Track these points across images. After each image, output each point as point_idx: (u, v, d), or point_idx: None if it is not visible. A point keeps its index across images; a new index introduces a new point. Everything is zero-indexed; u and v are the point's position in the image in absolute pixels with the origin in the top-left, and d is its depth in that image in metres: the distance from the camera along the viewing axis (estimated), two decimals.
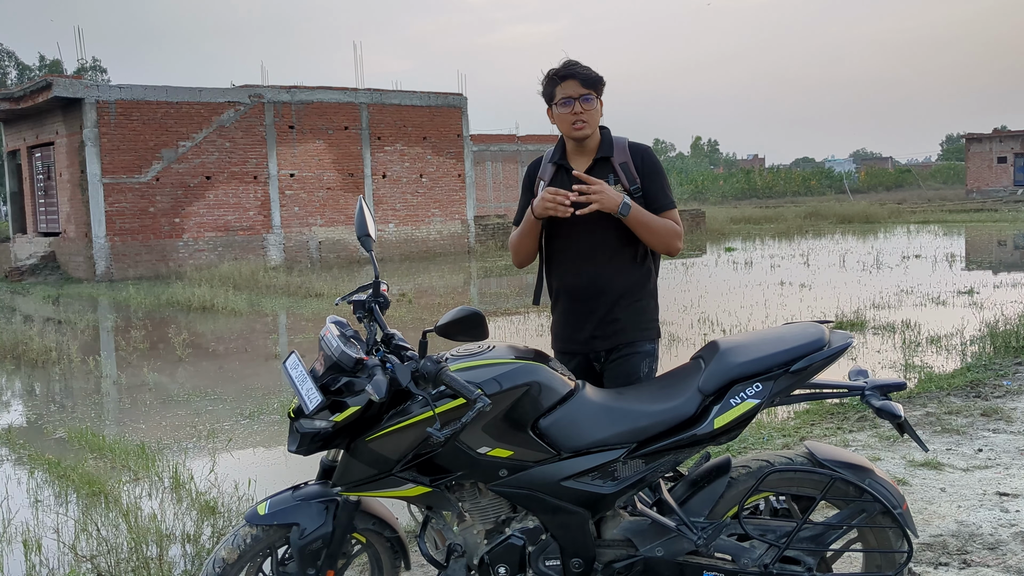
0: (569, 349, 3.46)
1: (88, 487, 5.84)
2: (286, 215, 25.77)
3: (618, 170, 3.35)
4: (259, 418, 7.95)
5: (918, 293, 14.41)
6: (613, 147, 3.38)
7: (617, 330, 3.36)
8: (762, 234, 32.16)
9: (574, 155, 3.43)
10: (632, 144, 3.41)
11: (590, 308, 3.38)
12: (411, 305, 15.07)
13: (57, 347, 11.58)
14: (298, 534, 2.83)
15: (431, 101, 28.52)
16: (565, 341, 3.48)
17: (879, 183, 79.33)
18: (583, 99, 3.28)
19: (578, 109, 3.28)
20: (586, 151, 3.40)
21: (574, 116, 3.29)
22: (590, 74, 3.30)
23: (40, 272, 24.45)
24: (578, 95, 3.28)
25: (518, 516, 2.93)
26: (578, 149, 3.41)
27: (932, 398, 6.83)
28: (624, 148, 3.39)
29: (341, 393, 2.74)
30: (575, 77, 3.28)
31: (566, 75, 3.30)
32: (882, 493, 2.85)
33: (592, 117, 3.31)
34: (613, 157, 3.36)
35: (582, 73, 3.29)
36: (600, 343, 3.39)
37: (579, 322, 3.41)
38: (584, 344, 3.41)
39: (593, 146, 3.39)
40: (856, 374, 2.98)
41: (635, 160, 3.36)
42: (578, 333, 3.42)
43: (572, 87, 3.28)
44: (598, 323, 3.37)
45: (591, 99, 3.29)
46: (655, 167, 3.39)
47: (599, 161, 3.37)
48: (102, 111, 22.77)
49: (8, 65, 64.18)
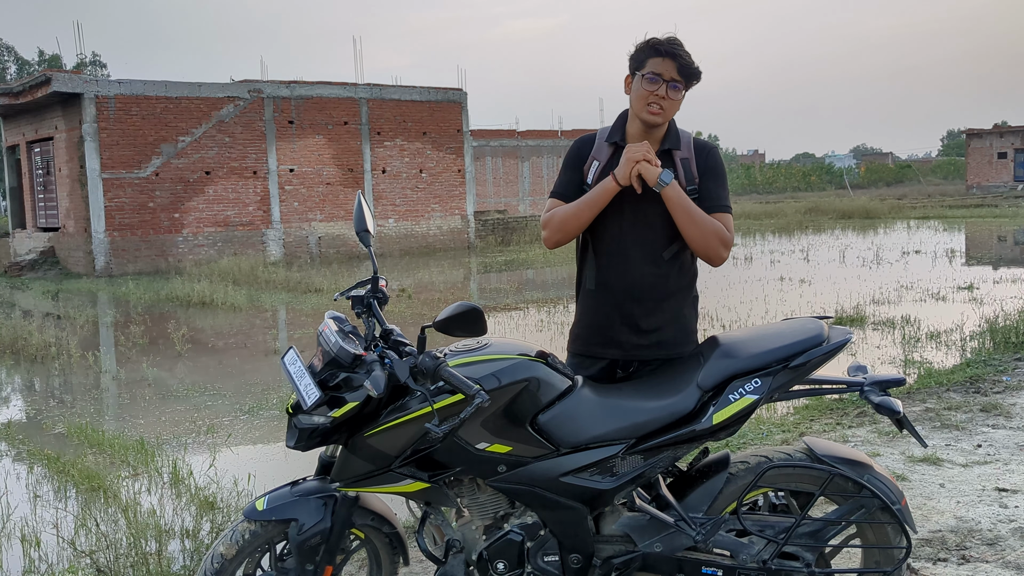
0: (594, 353, 3.17)
1: (87, 482, 5.84)
2: (285, 210, 25.75)
3: (679, 165, 3.09)
4: (258, 413, 7.95)
5: (918, 289, 14.40)
6: (680, 140, 3.12)
7: (659, 341, 3.10)
8: (762, 229, 32.15)
9: (636, 139, 3.11)
10: (697, 141, 3.16)
11: (629, 310, 3.10)
12: (411, 300, 15.07)
13: (56, 342, 11.58)
14: (296, 530, 2.83)
15: (431, 96, 28.49)
16: (592, 344, 3.18)
17: (879, 178, 79.30)
18: (672, 85, 3.00)
19: (662, 92, 2.99)
20: (650, 138, 3.10)
21: (655, 97, 3.00)
22: (691, 63, 3.02)
23: (39, 267, 24.45)
24: (669, 78, 3.00)
25: (517, 512, 2.92)
26: (641, 134, 3.11)
27: (931, 394, 6.83)
28: (688, 144, 3.14)
29: (339, 389, 2.74)
30: (675, 59, 2.99)
31: (668, 52, 2.99)
32: (881, 489, 2.85)
33: (671, 107, 3.04)
34: (678, 151, 3.11)
35: (684, 58, 3.00)
36: (637, 352, 3.11)
37: (614, 324, 3.12)
38: (617, 349, 3.13)
39: (659, 135, 3.12)
40: (855, 370, 2.97)
41: (698, 158, 3.11)
42: (612, 337, 3.13)
43: (667, 67, 3.00)
44: (637, 329, 3.10)
45: (679, 88, 3.02)
46: (717, 168, 3.13)
47: (662, 153, 3.10)
48: (101, 106, 22.74)
49: (7, 60, 64.09)
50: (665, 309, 3.11)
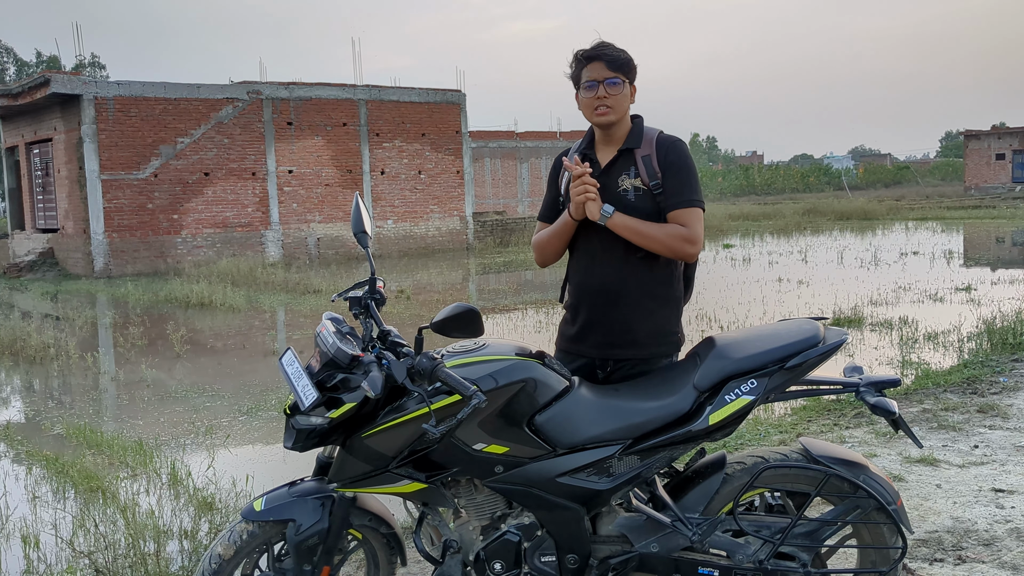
0: (574, 351, 3.21)
1: (86, 483, 5.85)
2: (284, 211, 25.75)
3: (639, 163, 3.09)
4: (257, 414, 7.96)
5: (916, 290, 14.42)
6: (641, 138, 3.12)
7: (631, 341, 3.11)
8: (760, 231, 32.16)
9: (601, 145, 3.18)
10: (661, 136, 3.14)
11: (604, 313, 3.12)
12: (409, 302, 15.07)
13: (55, 343, 11.58)
14: (294, 530, 2.84)
15: (430, 97, 28.49)
16: (571, 342, 3.23)
17: (877, 180, 79.30)
18: (608, 82, 3.04)
19: (602, 93, 3.04)
20: (613, 141, 3.14)
21: (597, 100, 3.05)
22: (618, 56, 3.06)
23: (38, 268, 24.44)
24: (603, 78, 3.04)
25: (514, 512, 2.93)
26: (605, 138, 3.16)
27: (929, 394, 6.84)
28: (651, 140, 3.11)
29: (337, 390, 2.75)
30: (601, 59, 3.05)
31: (592, 56, 3.07)
32: (877, 489, 2.86)
33: (617, 103, 3.05)
34: (638, 149, 3.10)
35: (609, 55, 3.05)
36: (611, 352, 3.13)
37: (590, 325, 3.16)
38: (593, 349, 3.16)
39: (621, 136, 3.14)
40: (851, 370, 2.98)
41: (659, 153, 3.08)
42: (587, 337, 3.17)
43: (598, 69, 3.05)
44: (610, 330, 3.12)
45: (617, 83, 3.05)
46: (680, 161, 3.09)
47: (623, 153, 3.12)
48: (100, 107, 22.74)
49: (6, 61, 64.08)
50: (638, 309, 3.11)
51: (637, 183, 3.09)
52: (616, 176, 3.12)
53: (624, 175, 3.11)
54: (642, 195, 3.08)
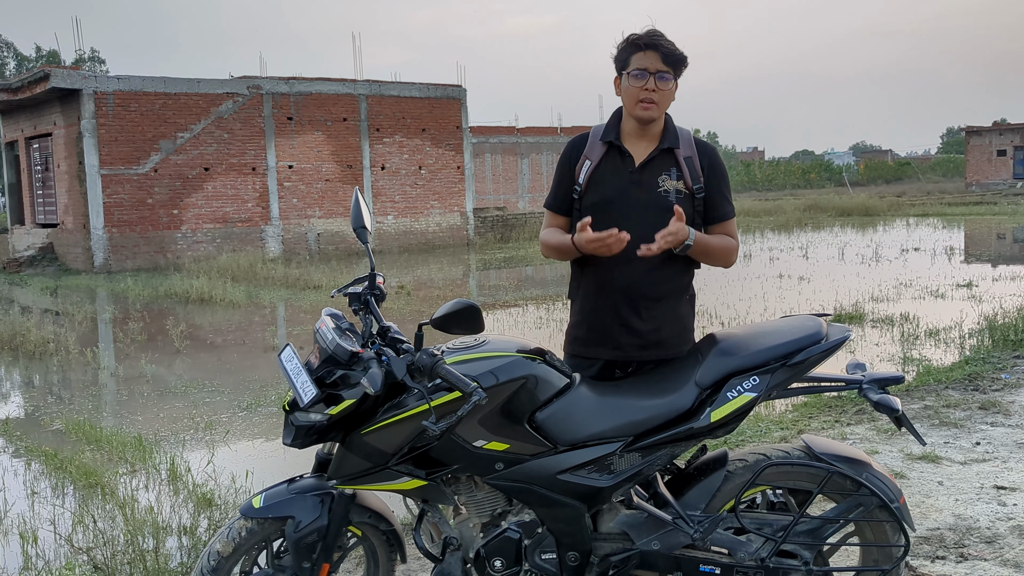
0: (592, 355, 3.10)
1: (85, 479, 5.84)
2: (284, 207, 25.73)
3: (682, 165, 3.01)
4: (256, 410, 7.95)
5: (917, 286, 14.40)
6: (679, 138, 3.04)
7: (657, 341, 3.04)
8: (761, 227, 32.13)
9: (632, 137, 3.06)
10: (700, 140, 3.08)
11: (627, 312, 3.03)
12: (409, 297, 15.06)
13: (55, 338, 11.57)
14: (293, 527, 2.82)
15: (430, 93, 28.46)
16: (589, 346, 3.11)
17: (878, 176, 79.28)
18: (659, 76, 2.94)
19: (651, 86, 2.93)
20: (647, 136, 3.04)
21: (645, 92, 2.94)
22: (674, 51, 2.95)
23: (38, 263, 24.43)
24: (655, 70, 2.93)
25: (514, 509, 2.92)
26: (638, 132, 3.04)
27: (930, 391, 6.83)
28: (690, 142, 3.05)
29: (336, 386, 2.73)
30: (658, 49, 2.93)
31: (649, 44, 2.94)
32: (879, 487, 2.84)
33: (664, 99, 2.97)
34: (679, 149, 3.03)
35: (666, 47, 2.94)
36: (635, 352, 3.05)
37: (611, 326, 3.06)
38: (616, 351, 3.07)
39: (656, 132, 3.04)
40: (854, 367, 2.97)
41: (702, 158, 3.04)
42: (609, 338, 3.07)
43: (651, 59, 2.94)
44: (638, 333, 3.03)
45: (668, 78, 2.95)
46: (721, 170, 3.07)
47: (663, 152, 3.02)
48: (100, 102, 22.71)
49: (6, 56, 64.04)
50: (662, 309, 3.06)
51: (679, 185, 3.01)
52: (656, 175, 3.03)
53: (665, 175, 3.02)
54: (684, 198, 3.00)
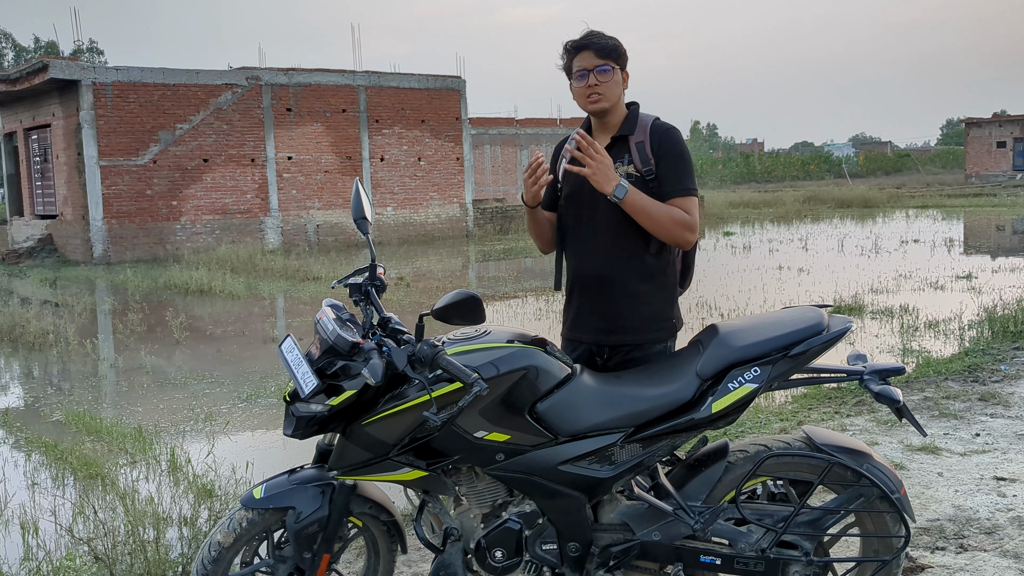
0: (574, 337, 3.27)
1: (85, 470, 5.84)
2: (284, 198, 25.69)
3: (633, 150, 3.12)
4: (256, 401, 7.95)
5: (916, 278, 14.40)
6: (635, 125, 3.15)
7: (624, 327, 3.14)
8: (761, 218, 32.12)
9: (597, 133, 3.23)
10: (656, 123, 3.16)
11: (596, 300, 3.16)
12: (409, 289, 15.05)
13: (54, 330, 11.57)
14: (294, 518, 2.82)
15: (429, 84, 28.39)
16: (570, 329, 3.29)
17: (878, 167, 79.16)
18: (598, 70, 3.09)
19: (592, 81, 3.09)
20: (608, 128, 3.19)
21: (589, 89, 3.10)
22: (606, 43, 3.10)
23: (37, 255, 24.40)
24: (593, 66, 3.09)
25: (515, 500, 2.92)
26: (600, 126, 3.21)
27: (930, 383, 6.83)
28: (645, 127, 3.14)
29: (337, 377, 2.73)
30: (590, 47, 3.10)
31: (581, 46, 3.12)
32: (880, 478, 2.84)
33: (608, 89, 3.10)
34: (632, 136, 3.14)
35: (597, 43, 3.10)
36: (605, 338, 3.17)
37: (585, 313, 3.21)
38: (589, 336, 3.21)
39: (616, 123, 3.18)
40: (855, 358, 2.97)
41: (653, 140, 3.11)
42: (584, 324, 3.22)
43: (587, 58, 3.10)
44: (604, 317, 3.16)
45: (607, 70, 3.09)
46: (675, 149, 3.11)
47: (618, 140, 3.16)
48: (99, 93, 22.65)
49: (4, 47, 63.88)
50: (630, 295, 3.13)
51: (630, 169, 3.11)
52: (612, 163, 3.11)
53: (618, 162, 3.12)
54: (635, 181, 3.08)
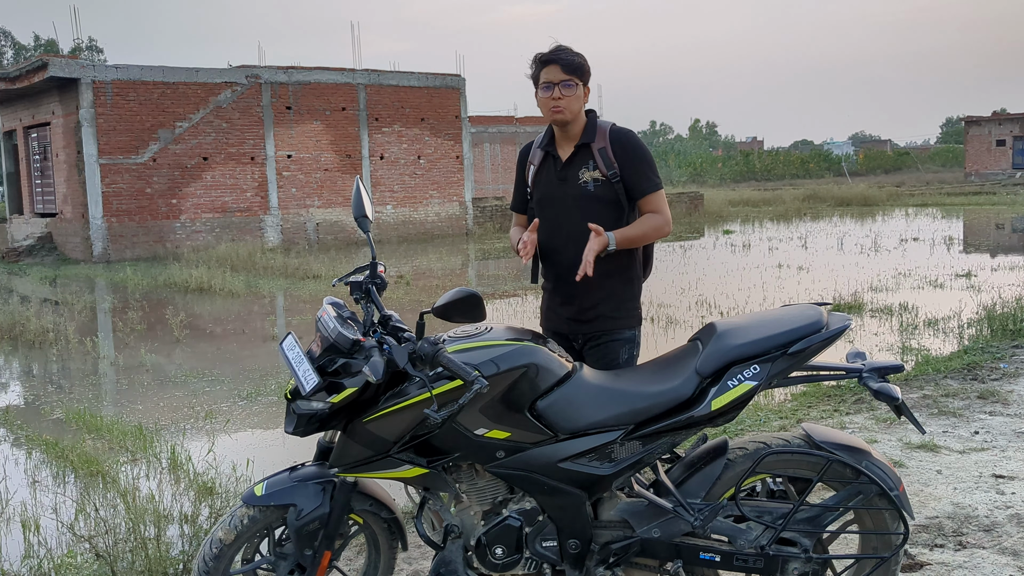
0: (551, 327, 3.53)
1: (86, 468, 5.85)
2: (283, 196, 25.68)
3: (596, 156, 3.37)
4: (257, 399, 7.96)
5: (916, 276, 14.41)
6: (595, 132, 3.39)
7: (596, 316, 3.40)
8: (760, 217, 32.12)
9: (560, 141, 3.47)
10: (614, 129, 3.42)
11: (569, 291, 3.40)
12: (409, 287, 15.06)
13: (54, 328, 11.57)
14: (295, 515, 2.83)
15: (429, 82, 28.38)
16: (547, 320, 3.57)
17: (877, 166, 79.08)
18: (563, 85, 3.31)
19: (557, 95, 3.31)
20: (570, 137, 3.43)
21: (552, 101, 3.32)
22: (572, 60, 3.32)
23: (37, 253, 24.40)
24: (558, 80, 3.31)
25: (515, 497, 2.93)
26: (563, 135, 3.45)
27: (929, 380, 6.84)
28: (605, 133, 3.39)
29: (338, 374, 2.74)
30: (557, 62, 3.31)
31: (549, 60, 3.33)
32: (879, 475, 2.85)
33: (570, 104, 3.33)
34: (594, 143, 3.38)
35: (564, 59, 3.31)
36: (579, 327, 3.44)
37: (559, 304, 3.48)
38: (564, 326, 3.47)
39: (577, 132, 3.42)
40: (854, 356, 2.97)
41: (613, 146, 3.37)
42: (558, 315, 3.49)
43: (554, 72, 3.31)
44: (577, 308, 3.42)
45: (571, 85, 3.32)
46: (635, 151, 3.38)
47: (580, 148, 3.40)
48: (98, 91, 22.64)
49: (4, 45, 63.84)
50: (601, 288, 3.37)
51: (596, 174, 3.37)
52: (576, 169, 3.40)
53: (584, 168, 3.39)
54: (601, 184, 3.37)
